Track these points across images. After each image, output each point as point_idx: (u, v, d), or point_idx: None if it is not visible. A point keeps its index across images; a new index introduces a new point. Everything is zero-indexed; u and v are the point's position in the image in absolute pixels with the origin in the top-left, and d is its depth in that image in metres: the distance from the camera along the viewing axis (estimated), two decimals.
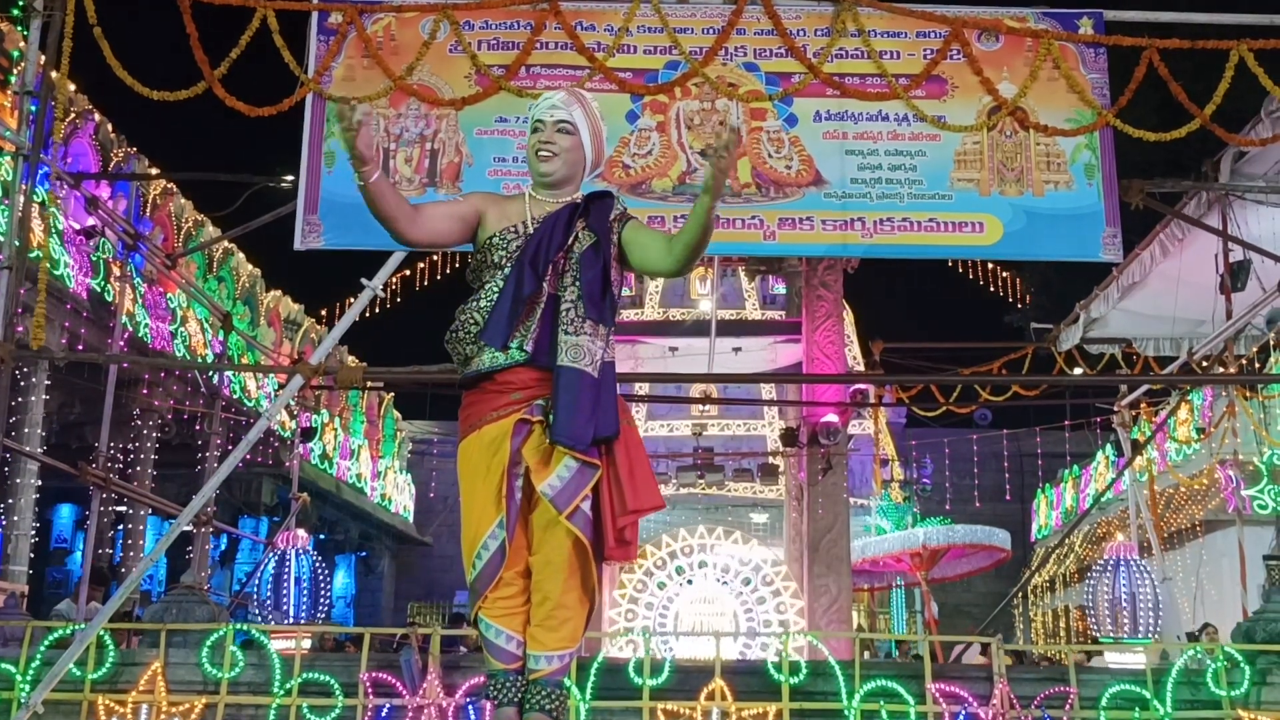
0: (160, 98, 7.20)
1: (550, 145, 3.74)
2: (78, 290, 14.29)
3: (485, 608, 3.67)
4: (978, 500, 27.24)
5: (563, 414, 3.49)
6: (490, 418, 3.65)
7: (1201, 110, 7.41)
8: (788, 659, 7.64)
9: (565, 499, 3.47)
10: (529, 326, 3.62)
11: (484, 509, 3.64)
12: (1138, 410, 14.29)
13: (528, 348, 3.62)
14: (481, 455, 3.65)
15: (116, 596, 7.32)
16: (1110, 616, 10.59)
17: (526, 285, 3.61)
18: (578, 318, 3.61)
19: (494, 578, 3.63)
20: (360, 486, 27.32)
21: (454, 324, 3.72)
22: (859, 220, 7.38)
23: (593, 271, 3.65)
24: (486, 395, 3.68)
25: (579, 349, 3.58)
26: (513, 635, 3.66)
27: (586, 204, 3.78)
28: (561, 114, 3.75)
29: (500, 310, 3.61)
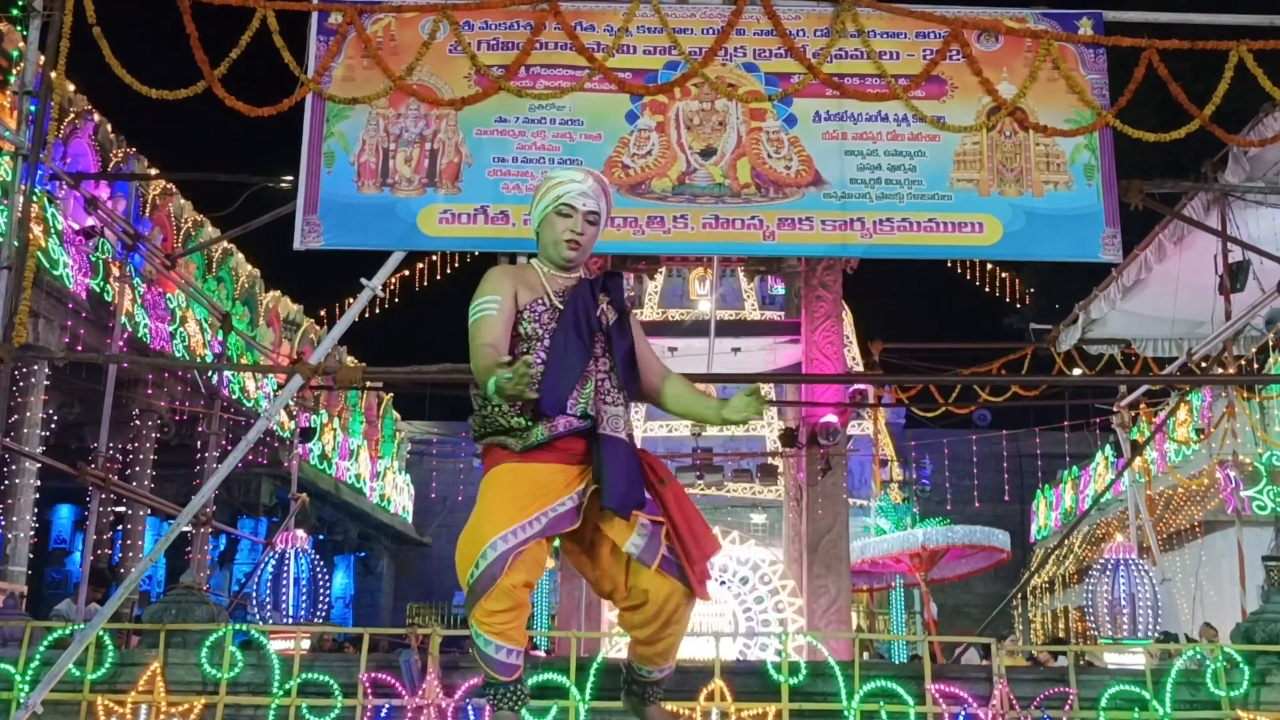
0: (159, 97, 7.20)
1: (580, 236, 3.91)
2: (77, 290, 14.29)
3: (480, 620, 3.75)
4: (977, 501, 27.25)
5: (615, 482, 3.72)
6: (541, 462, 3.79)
7: (1201, 111, 7.41)
8: (787, 659, 7.63)
9: (651, 554, 3.80)
10: (587, 394, 3.82)
11: (504, 516, 3.73)
12: (1137, 411, 14.30)
13: (591, 412, 3.82)
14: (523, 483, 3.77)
15: (115, 597, 7.32)
16: (1109, 617, 10.58)
17: (575, 355, 3.78)
18: (614, 389, 3.85)
19: (495, 579, 3.70)
20: (359, 487, 27.33)
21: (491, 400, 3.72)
22: (858, 220, 7.37)
23: (624, 345, 3.89)
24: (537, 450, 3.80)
25: (618, 419, 3.84)
26: (512, 649, 3.77)
27: (604, 283, 3.96)
28: (592, 205, 3.93)
29: (555, 381, 3.75)
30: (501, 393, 3.52)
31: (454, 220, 7.32)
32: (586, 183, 3.95)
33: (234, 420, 18.55)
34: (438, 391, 21.51)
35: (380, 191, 7.33)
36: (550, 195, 3.95)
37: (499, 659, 3.74)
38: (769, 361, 16.98)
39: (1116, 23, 7.67)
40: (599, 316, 3.87)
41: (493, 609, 3.72)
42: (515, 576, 3.72)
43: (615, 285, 3.98)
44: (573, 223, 3.91)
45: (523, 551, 3.72)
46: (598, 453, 3.76)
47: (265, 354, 19.00)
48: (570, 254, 3.92)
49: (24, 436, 13.36)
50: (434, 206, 7.32)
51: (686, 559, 3.84)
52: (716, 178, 7.43)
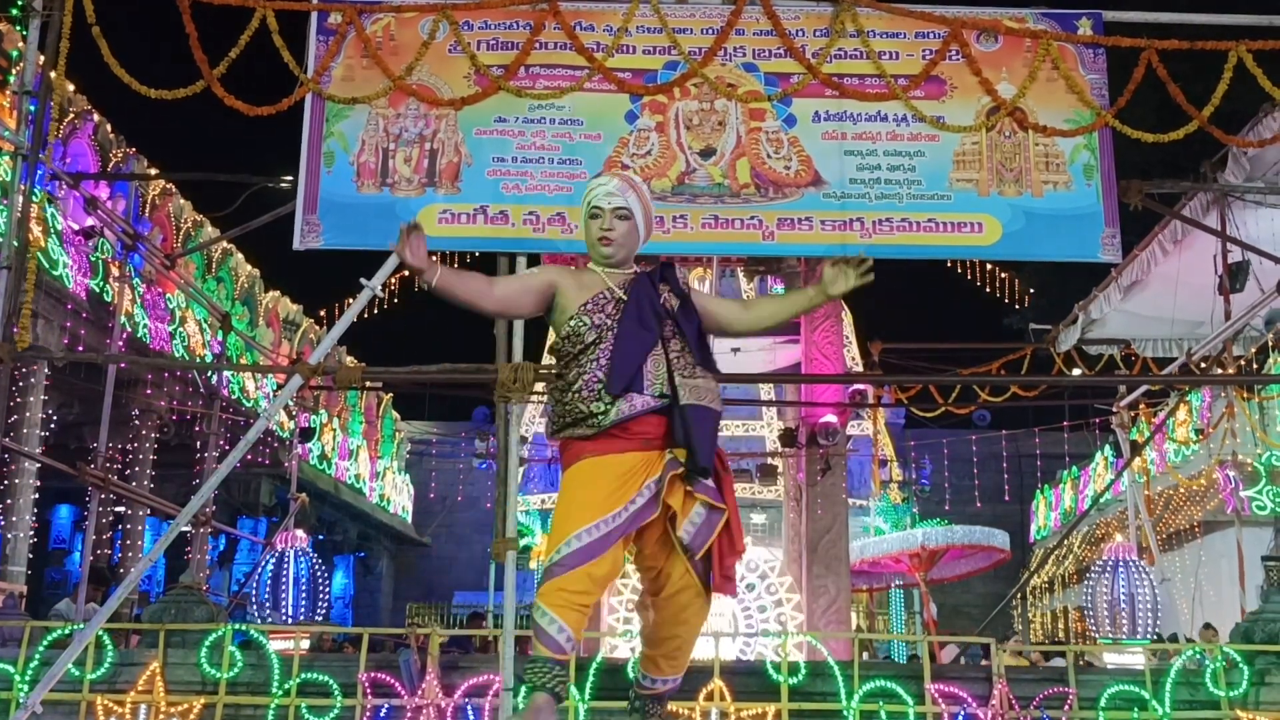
0: (159, 96, 7.20)
1: (610, 232, 4.12)
2: (77, 290, 14.28)
3: (547, 595, 3.81)
4: (977, 501, 27.24)
5: (702, 447, 3.88)
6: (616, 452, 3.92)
7: (1200, 111, 7.41)
8: (787, 659, 7.64)
9: (700, 542, 3.89)
10: (660, 375, 3.96)
11: (593, 507, 3.84)
12: (1136, 411, 14.30)
13: (667, 391, 3.95)
14: (605, 473, 3.90)
15: (115, 597, 7.32)
16: (1109, 617, 10.59)
17: (642, 338, 3.97)
18: (689, 364, 4.00)
19: (573, 567, 3.77)
20: (359, 487, 27.31)
21: (571, 385, 4.00)
22: (858, 220, 7.38)
23: (691, 326, 4.06)
24: (612, 439, 3.94)
25: (700, 389, 3.98)
26: (565, 627, 3.78)
27: (661, 273, 4.17)
28: (618, 200, 4.12)
29: (626, 362, 3.94)
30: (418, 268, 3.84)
31: (454, 220, 7.32)
32: (611, 183, 4.17)
33: (233, 420, 18.54)
34: (437, 392, 21.53)
35: (380, 191, 7.34)
36: (585, 205, 4.19)
37: (552, 634, 3.77)
38: (769, 362, 16.99)
39: (1116, 23, 7.68)
40: (663, 304, 4.06)
41: (564, 587, 3.78)
42: (598, 568, 3.81)
43: (671, 274, 4.17)
44: (602, 221, 4.12)
45: (609, 544, 3.82)
46: (683, 421, 3.89)
47: (265, 354, 19.00)
48: (606, 250, 4.11)
49: (23, 436, 13.35)
50: (434, 206, 7.33)
51: (721, 551, 3.94)
52: (716, 178, 7.44)
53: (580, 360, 4.00)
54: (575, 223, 6.51)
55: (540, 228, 7.31)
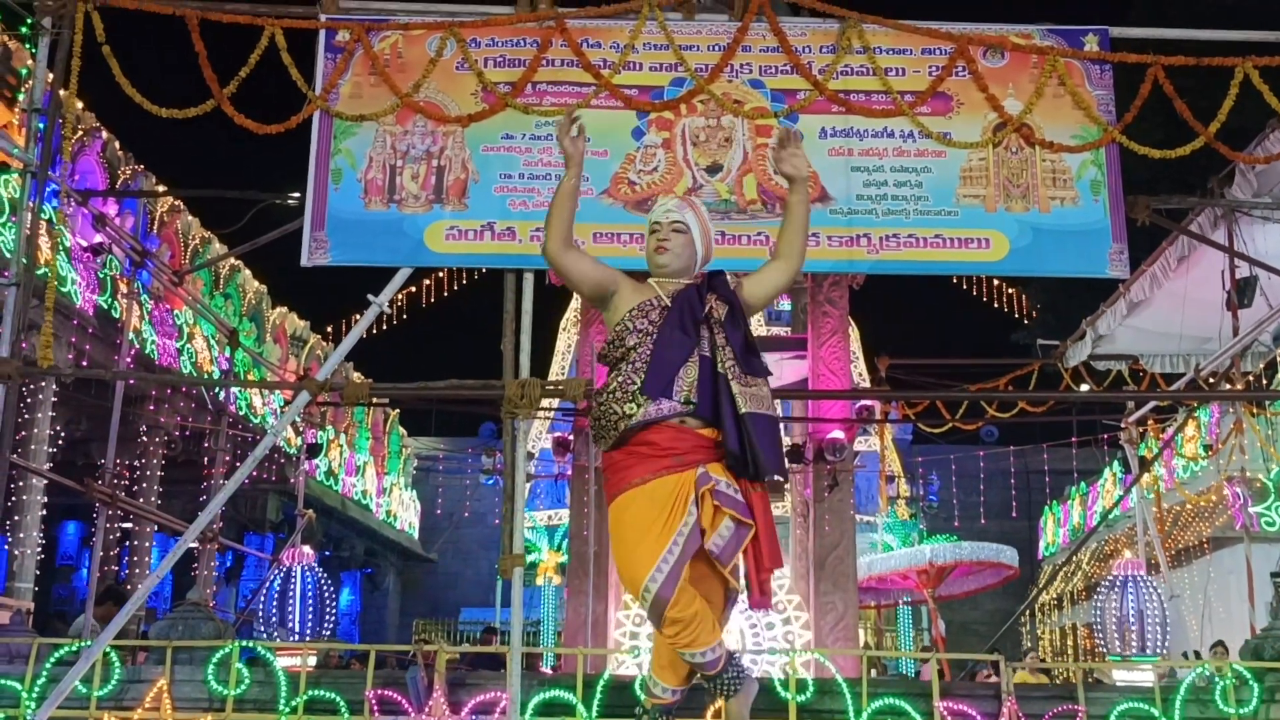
0: (169, 115, 7.21)
1: (666, 242, 4.33)
2: (85, 307, 14.33)
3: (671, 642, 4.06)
4: (984, 517, 27.19)
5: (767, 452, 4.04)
6: (651, 478, 4.06)
7: (1206, 127, 7.41)
8: (794, 677, 7.61)
9: (729, 554, 4.02)
10: (689, 381, 4.09)
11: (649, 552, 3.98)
12: (1145, 427, 14.27)
13: (694, 399, 4.07)
14: (650, 507, 4.03)
15: (122, 613, 7.31)
16: (1118, 634, 10.55)
17: (680, 344, 4.12)
18: (741, 373, 4.11)
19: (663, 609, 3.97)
20: (365, 503, 27.33)
21: (608, 388, 4.18)
22: (864, 236, 7.37)
23: (738, 334, 4.18)
24: (643, 458, 4.08)
25: (758, 398, 4.11)
26: (706, 649, 4.05)
27: (710, 282, 4.33)
28: (675, 216, 4.36)
29: (659, 366, 4.09)
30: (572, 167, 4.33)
31: (461, 236, 7.33)
32: (670, 201, 4.45)
33: (241, 436, 18.57)
34: (444, 408, 21.52)
35: (387, 208, 7.35)
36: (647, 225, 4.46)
37: (705, 659, 4.05)
38: (775, 377, 16.94)
39: (1122, 39, 7.68)
40: (708, 312, 4.18)
41: (670, 633, 4.02)
42: (680, 604, 3.97)
43: (720, 282, 4.31)
44: (660, 233, 4.35)
45: (679, 578, 3.97)
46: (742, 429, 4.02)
47: (272, 370, 19.02)
48: (660, 259, 4.32)
49: (31, 453, 13.38)
50: (441, 223, 7.33)
51: (755, 567, 4.10)
52: (723, 194, 7.44)
53: (620, 366, 4.17)
54: (582, 240, 6.51)
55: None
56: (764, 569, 4.10)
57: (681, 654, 4.04)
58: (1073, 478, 25.26)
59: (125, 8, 7.35)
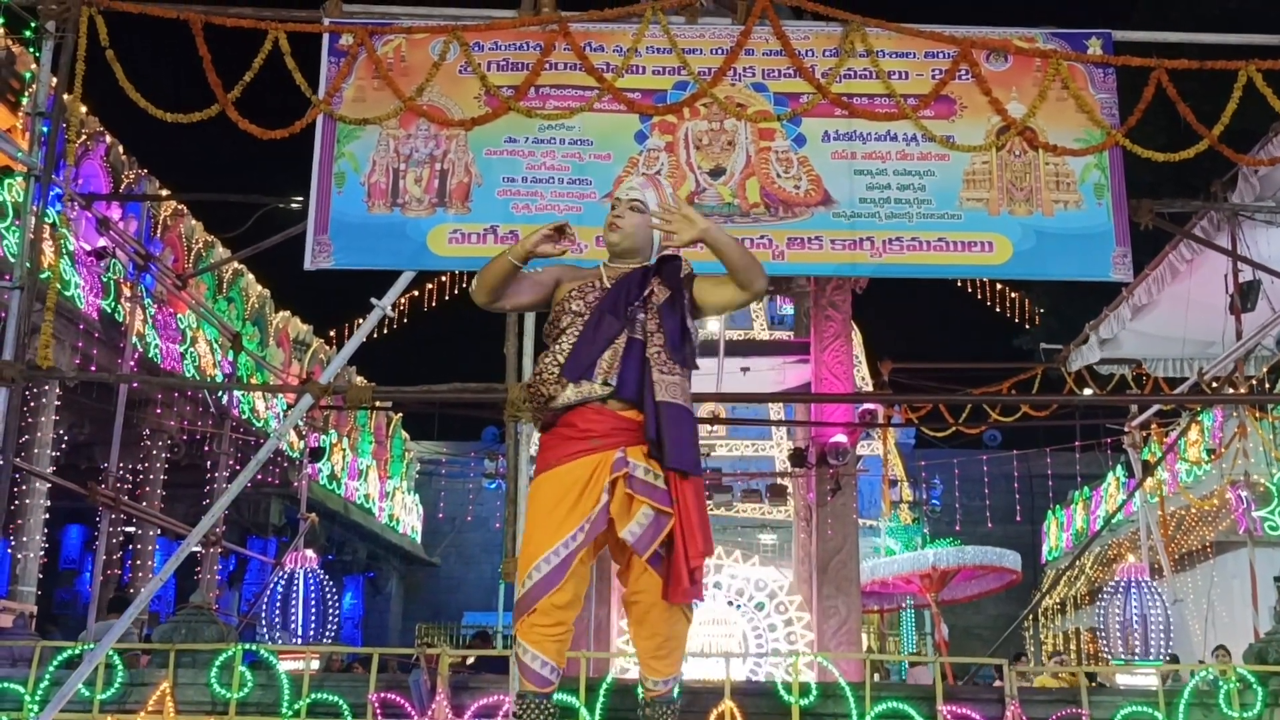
0: (174, 119, 7.23)
1: (620, 220, 4.20)
2: (88, 311, 14.34)
3: (523, 630, 3.90)
4: (988, 521, 27.12)
5: (675, 444, 3.90)
6: (567, 460, 3.96)
7: (1210, 131, 7.40)
8: (798, 680, 7.61)
9: (645, 544, 3.88)
10: (612, 363, 3.98)
11: (546, 536, 3.89)
12: (1148, 431, 14.25)
13: (612, 381, 3.96)
14: (558, 490, 3.95)
15: (125, 616, 7.32)
16: (1121, 638, 10.55)
17: (607, 327, 4.00)
18: (667, 360, 4.01)
19: (539, 599, 3.86)
20: (368, 507, 27.32)
21: (536, 372, 4.09)
22: (868, 240, 7.37)
23: (673, 321, 4.06)
24: (564, 440, 4.00)
25: (675, 387, 4.00)
26: (546, 660, 3.88)
27: (659, 265, 4.20)
28: (635, 194, 4.22)
29: (582, 348, 4.00)
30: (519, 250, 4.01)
31: (464, 240, 7.33)
32: (634, 179, 4.36)
33: (244, 440, 18.57)
34: (447, 411, 21.50)
35: (390, 211, 7.35)
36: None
37: (533, 668, 3.87)
38: (778, 381, 16.96)
39: (1125, 42, 7.68)
40: (648, 295, 4.07)
41: (535, 623, 3.87)
42: (563, 595, 3.87)
43: (671, 268, 4.16)
44: (616, 211, 4.21)
45: (569, 567, 3.86)
46: (657, 417, 3.92)
47: (275, 374, 19.03)
48: (611, 235, 4.19)
49: (34, 456, 13.38)
50: (444, 226, 7.34)
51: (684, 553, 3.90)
52: (726, 197, 7.44)
53: (550, 347, 4.09)
54: (585, 243, 6.51)
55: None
56: (692, 557, 3.89)
57: (525, 654, 3.87)
58: (1076, 482, 25.22)
59: (129, 11, 7.37)
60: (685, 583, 3.90)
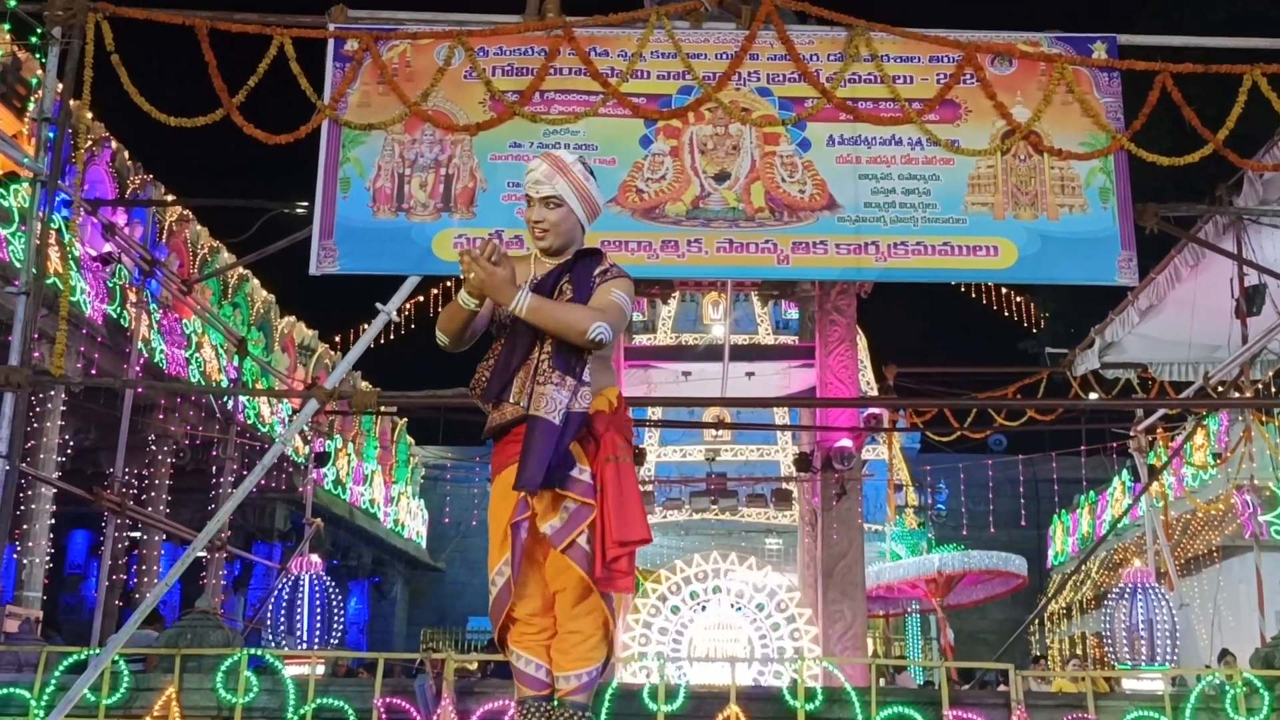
0: (178, 124, 7.25)
1: (541, 223, 3.89)
2: (94, 316, 14.35)
3: (512, 639, 3.86)
4: (993, 526, 27.11)
5: (528, 461, 3.63)
6: (503, 466, 3.85)
7: (1215, 135, 7.40)
8: (804, 685, 7.60)
9: (561, 536, 3.71)
10: (525, 381, 3.77)
11: (497, 547, 3.82)
12: (1154, 435, 14.23)
13: (523, 403, 3.75)
14: (498, 499, 3.85)
15: (131, 621, 7.32)
16: (1127, 643, 10.52)
17: (521, 345, 3.77)
18: (549, 369, 3.74)
19: (503, 610, 3.81)
20: (373, 512, 27.33)
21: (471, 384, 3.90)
22: (873, 244, 7.37)
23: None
24: (504, 445, 3.87)
25: (543, 398, 3.70)
26: (541, 664, 3.83)
27: (575, 260, 3.91)
28: (546, 189, 3.87)
29: (497, 370, 3.81)
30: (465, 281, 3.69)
31: (469, 244, 7.32)
32: (539, 169, 3.91)
33: (249, 445, 18.59)
34: (452, 416, 21.52)
35: (395, 216, 7.36)
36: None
37: (528, 672, 3.82)
38: (783, 386, 16.96)
39: (1130, 46, 7.68)
40: (555, 296, 3.80)
41: (518, 630, 3.85)
42: (527, 606, 3.83)
43: (583, 265, 3.89)
44: (533, 211, 3.93)
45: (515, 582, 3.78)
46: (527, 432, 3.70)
47: (280, 379, 19.05)
48: (541, 243, 3.93)
49: (40, 462, 13.39)
50: (449, 231, 7.35)
51: (602, 542, 3.70)
52: (730, 201, 7.45)
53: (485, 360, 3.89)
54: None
55: None
56: (609, 545, 3.66)
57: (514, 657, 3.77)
58: (1081, 486, 25.21)
59: (134, 18, 7.38)
60: (599, 571, 3.69)
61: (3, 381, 6.77)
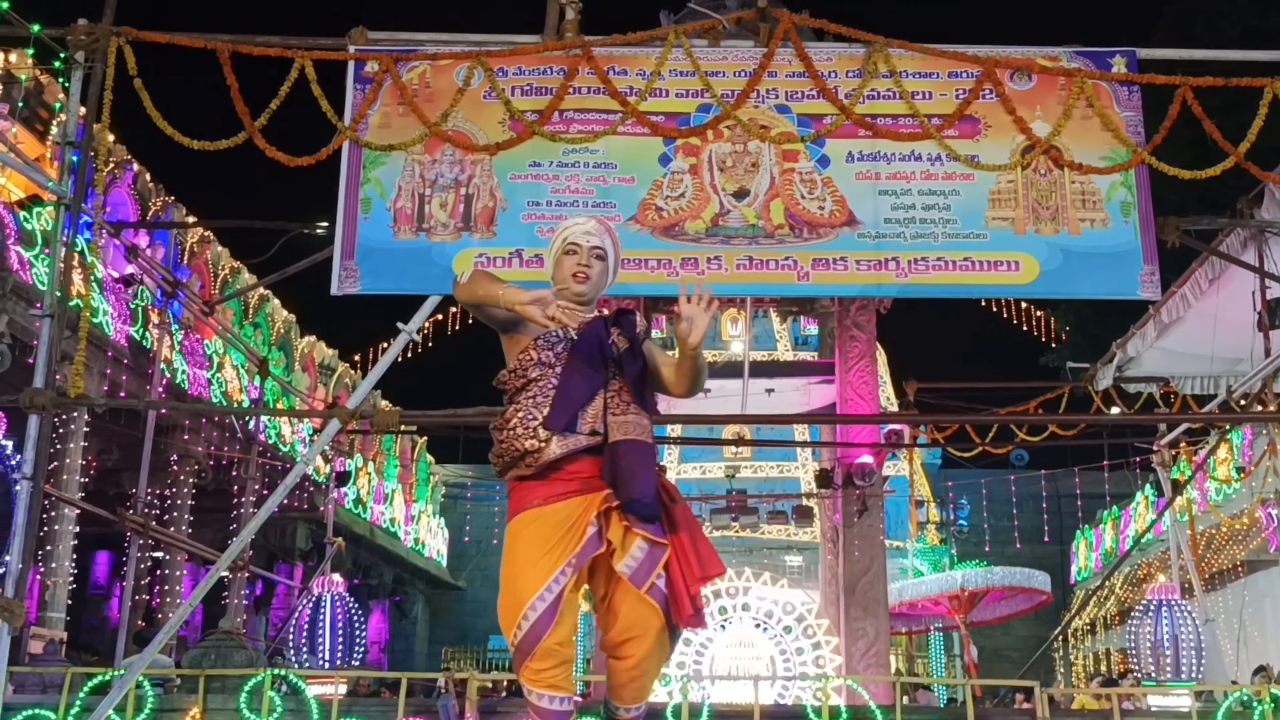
0: (201, 147, 7.28)
1: (587, 269, 4.13)
2: (117, 338, 14.44)
3: (529, 677, 3.83)
4: (1016, 542, 26.97)
5: (629, 484, 3.84)
6: (555, 500, 3.91)
7: (1235, 148, 7.37)
8: (827, 703, 7.57)
9: (642, 576, 3.81)
10: (595, 413, 3.95)
11: (537, 576, 3.82)
12: (1177, 450, 14.14)
13: (599, 429, 3.93)
14: (547, 530, 3.88)
15: (155, 641, 7.34)
16: (1153, 659, 10.45)
17: (588, 379, 3.97)
18: (623, 402, 3.98)
19: (539, 639, 3.80)
20: (394, 531, 27.37)
21: (509, 423, 3.98)
22: (893, 260, 7.35)
23: (634, 368, 4.05)
24: (551, 482, 3.94)
25: (628, 424, 3.95)
26: (564, 697, 3.85)
27: (615, 317, 4.15)
28: (595, 241, 4.16)
29: (563, 401, 3.93)
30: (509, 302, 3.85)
31: (489, 264, 7.35)
32: (589, 223, 4.22)
33: (270, 465, 18.65)
34: (472, 435, 21.55)
35: (416, 236, 7.38)
36: (558, 240, 4.21)
37: (552, 709, 3.83)
38: (803, 403, 16.93)
39: (1149, 60, 7.66)
40: (610, 345, 4.05)
41: (539, 667, 3.82)
42: (559, 634, 3.83)
43: (627, 320, 4.15)
44: (579, 258, 4.15)
45: (560, 605, 3.81)
46: (612, 457, 3.90)
47: (301, 399, 19.11)
48: (580, 286, 4.12)
49: (63, 483, 13.47)
50: (469, 250, 7.36)
51: (683, 580, 3.85)
52: (750, 219, 7.44)
53: (519, 398, 4.00)
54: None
55: None
56: (693, 582, 3.86)
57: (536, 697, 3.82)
58: (1104, 501, 25.05)
59: (157, 41, 7.44)
60: (688, 609, 3.84)
61: (27, 404, 6.81)
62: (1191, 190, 10.69)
